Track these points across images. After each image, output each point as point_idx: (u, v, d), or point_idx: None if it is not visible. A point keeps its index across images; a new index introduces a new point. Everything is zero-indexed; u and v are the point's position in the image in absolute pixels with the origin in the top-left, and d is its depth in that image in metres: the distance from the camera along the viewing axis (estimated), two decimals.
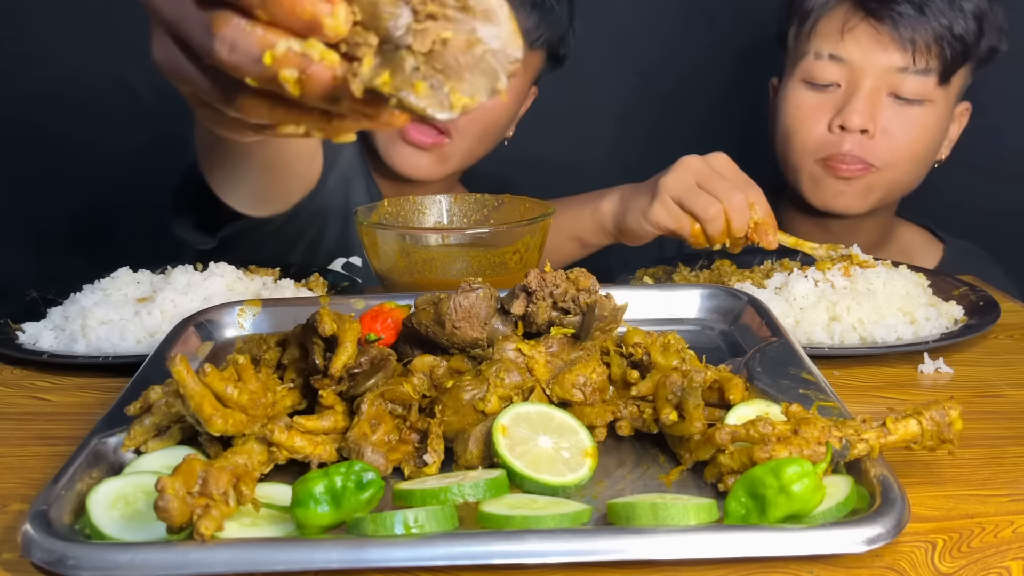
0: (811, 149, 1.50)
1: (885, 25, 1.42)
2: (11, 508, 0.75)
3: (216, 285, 1.16)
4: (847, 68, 1.45)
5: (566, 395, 0.81)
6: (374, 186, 1.64)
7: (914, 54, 1.42)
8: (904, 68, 1.43)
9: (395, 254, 1.14)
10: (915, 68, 1.43)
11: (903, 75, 1.44)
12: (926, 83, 1.45)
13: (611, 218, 1.32)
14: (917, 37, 1.41)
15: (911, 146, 1.48)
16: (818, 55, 1.47)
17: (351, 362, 0.80)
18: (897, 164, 1.49)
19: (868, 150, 1.47)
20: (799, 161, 1.52)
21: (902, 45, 1.42)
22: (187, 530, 0.64)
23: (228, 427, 0.73)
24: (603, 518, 0.69)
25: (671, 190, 1.21)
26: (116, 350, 1.07)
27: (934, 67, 1.44)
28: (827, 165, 1.49)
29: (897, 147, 1.47)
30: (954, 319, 1.14)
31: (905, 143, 1.47)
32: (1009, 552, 0.67)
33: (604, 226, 1.33)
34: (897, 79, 1.44)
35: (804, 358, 0.90)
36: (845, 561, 0.65)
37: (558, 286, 0.86)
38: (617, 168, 1.64)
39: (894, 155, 1.48)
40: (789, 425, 0.72)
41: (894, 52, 1.43)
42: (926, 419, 0.72)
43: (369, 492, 0.66)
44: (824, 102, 1.48)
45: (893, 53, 1.43)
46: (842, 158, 1.47)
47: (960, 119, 1.57)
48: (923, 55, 1.42)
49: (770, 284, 1.17)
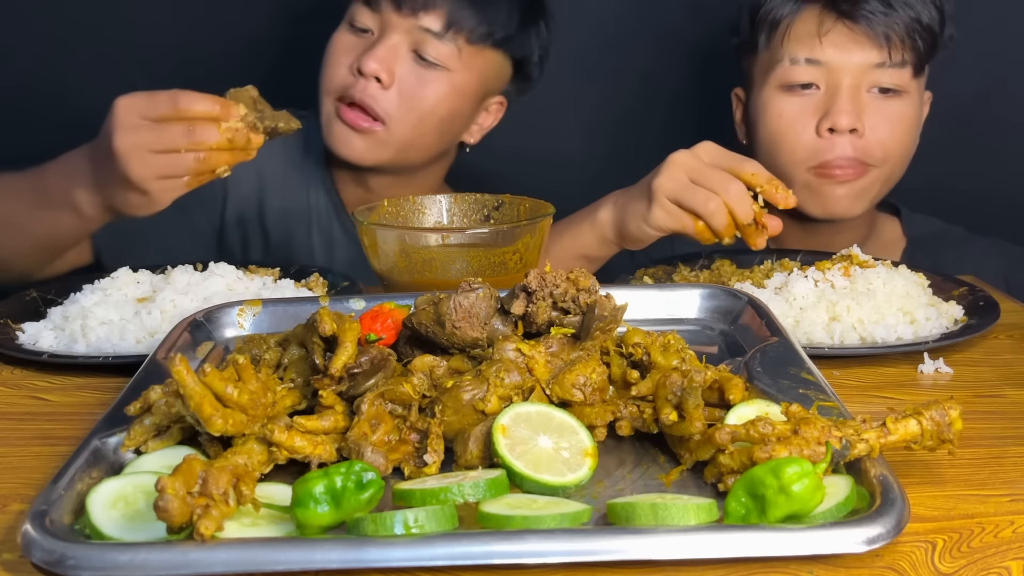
0: (801, 157, 1.49)
1: (859, 24, 1.44)
2: (11, 508, 0.75)
3: (216, 285, 1.16)
4: (825, 69, 1.46)
5: (566, 395, 0.81)
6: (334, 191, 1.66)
7: (890, 49, 1.44)
8: (881, 63, 1.45)
9: (395, 254, 1.14)
10: (891, 62, 1.45)
11: (880, 70, 1.45)
12: (902, 75, 1.47)
13: (611, 227, 1.31)
14: (891, 32, 1.43)
15: (899, 139, 1.49)
16: (793, 60, 1.47)
17: (351, 362, 0.80)
18: (889, 159, 1.50)
19: (860, 149, 1.47)
20: (789, 171, 1.50)
21: (877, 42, 1.44)
22: (187, 530, 0.64)
23: (228, 427, 0.73)
24: (603, 518, 0.69)
25: (666, 191, 1.19)
26: (116, 350, 1.07)
27: (909, 59, 1.46)
28: (821, 173, 1.48)
29: (886, 142, 1.48)
30: (954, 319, 1.14)
31: (892, 136, 1.48)
32: (1009, 552, 0.67)
33: (605, 237, 1.32)
34: (875, 75, 1.46)
35: (804, 358, 0.90)
36: (845, 561, 0.65)
37: (558, 286, 0.86)
38: (617, 167, 1.63)
39: (885, 151, 1.48)
40: (789, 425, 0.72)
41: (870, 49, 1.44)
42: (926, 419, 0.72)
43: (369, 492, 0.66)
44: (806, 106, 1.48)
45: (870, 50, 1.44)
46: (836, 162, 1.47)
47: (927, 104, 1.59)
48: (898, 49, 1.45)
49: (770, 284, 1.17)
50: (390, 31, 1.46)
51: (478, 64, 1.51)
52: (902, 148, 1.51)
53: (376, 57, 1.45)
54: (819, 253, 1.36)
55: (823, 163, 1.47)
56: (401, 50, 1.47)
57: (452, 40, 1.47)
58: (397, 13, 1.46)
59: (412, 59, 1.48)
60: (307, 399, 0.82)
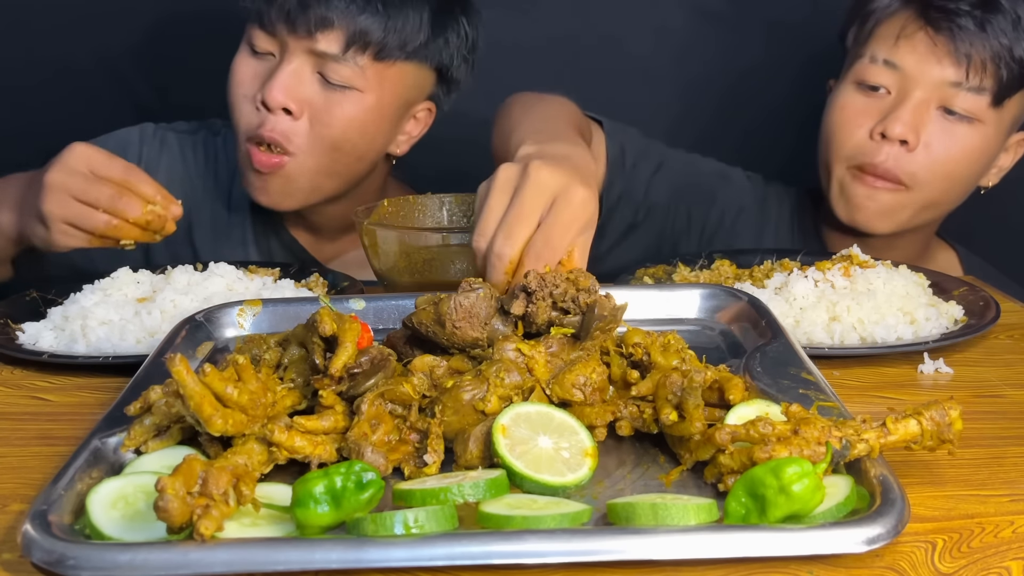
0: (846, 153, 1.46)
1: (942, 36, 1.38)
2: (11, 508, 0.75)
3: (216, 285, 1.16)
4: (900, 75, 1.41)
5: (566, 395, 0.81)
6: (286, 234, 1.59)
7: (968, 70, 1.38)
8: (957, 83, 1.39)
9: (395, 254, 1.14)
10: (968, 84, 1.39)
11: (955, 90, 1.39)
12: (979, 102, 1.40)
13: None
14: (974, 53, 1.37)
15: (950, 164, 1.43)
16: (873, 59, 1.43)
17: (351, 362, 0.80)
18: (930, 183, 1.44)
19: (903, 164, 1.42)
20: (833, 164, 1.47)
21: (956, 59, 1.38)
22: (187, 530, 0.64)
23: (228, 427, 0.73)
24: (603, 518, 0.69)
25: None
26: (116, 350, 1.07)
27: (988, 86, 1.39)
28: (857, 174, 1.45)
29: (935, 163, 1.42)
30: (954, 319, 1.14)
31: (944, 161, 1.42)
32: (1009, 552, 0.67)
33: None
34: (949, 93, 1.40)
35: (804, 358, 0.90)
36: (845, 561, 0.65)
37: (558, 286, 0.86)
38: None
39: (930, 172, 1.42)
40: (789, 425, 0.72)
41: (948, 65, 1.38)
42: (926, 419, 0.72)
43: (369, 492, 0.66)
44: (871, 107, 1.44)
45: (947, 66, 1.39)
46: (874, 168, 1.43)
47: (1016, 148, 1.52)
48: (978, 72, 1.38)
49: (770, 284, 1.17)
50: (290, 55, 1.35)
51: (390, 79, 1.40)
52: (949, 174, 1.44)
53: (279, 86, 1.34)
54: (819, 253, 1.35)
55: (862, 164, 1.44)
56: (304, 74, 1.36)
57: (354, 60, 1.35)
58: (293, 36, 1.35)
59: (318, 82, 1.37)
60: (307, 399, 0.82)
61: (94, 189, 1.16)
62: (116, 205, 1.15)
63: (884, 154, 1.42)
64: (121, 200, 1.15)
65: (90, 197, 1.15)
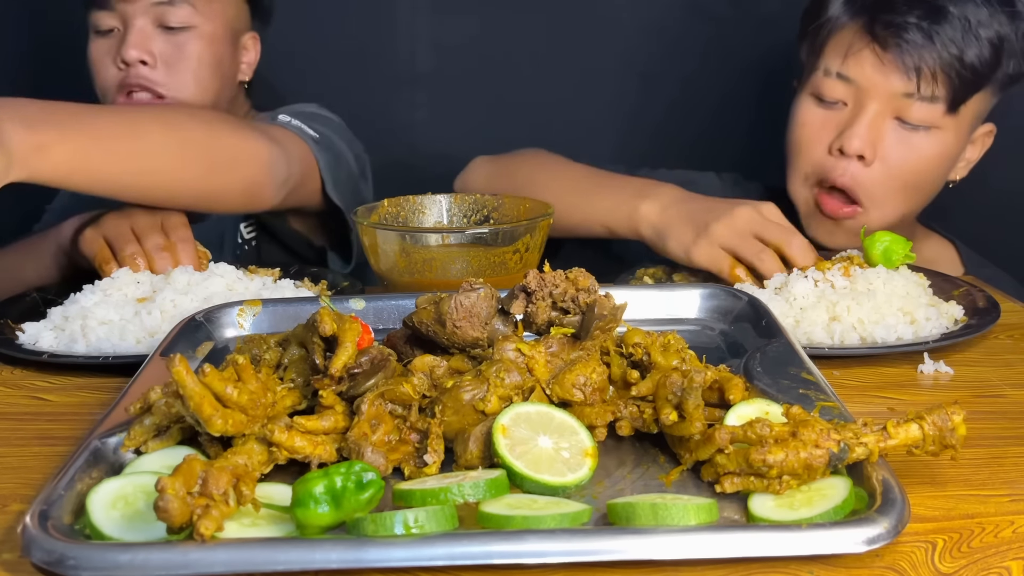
0: (808, 170, 1.46)
1: (889, 52, 1.37)
2: (11, 508, 0.75)
3: (216, 285, 1.16)
4: (854, 88, 1.41)
5: (566, 395, 0.81)
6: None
7: (919, 82, 1.37)
8: (909, 94, 1.38)
9: (395, 254, 1.14)
10: (920, 96, 1.38)
11: (909, 100, 1.38)
12: (933, 110, 1.39)
13: (648, 230, 1.32)
14: (923, 65, 1.36)
15: (908, 175, 1.43)
16: (827, 72, 1.43)
17: (351, 362, 0.80)
18: (887, 198, 1.44)
19: (860, 179, 1.42)
20: (800, 180, 1.48)
21: (906, 73, 1.37)
22: (187, 530, 0.64)
23: (228, 427, 0.73)
24: (603, 518, 0.69)
25: (721, 237, 1.24)
26: (116, 350, 1.07)
27: (941, 95, 1.38)
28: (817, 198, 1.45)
29: (891, 177, 1.42)
30: (954, 319, 1.14)
31: (901, 173, 1.42)
32: (1009, 552, 0.67)
33: (637, 231, 1.34)
34: (903, 104, 1.39)
35: (804, 358, 0.90)
36: (845, 561, 0.65)
37: (557, 286, 0.86)
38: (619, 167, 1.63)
39: (885, 187, 1.42)
40: (788, 427, 0.71)
41: (897, 80, 1.38)
42: (928, 424, 0.71)
43: (369, 492, 0.66)
44: (829, 120, 1.44)
45: (896, 80, 1.38)
46: (829, 192, 1.44)
47: (983, 140, 1.51)
48: (929, 83, 1.37)
49: (770, 284, 1.17)
50: (131, 19, 1.54)
51: (217, 11, 1.61)
52: (907, 184, 1.43)
53: (131, 44, 1.53)
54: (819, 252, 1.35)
55: (820, 180, 1.44)
56: (148, 30, 1.55)
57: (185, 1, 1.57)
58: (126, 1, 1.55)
59: (161, 33, 1.56)
60: (307, 399, 0.82)
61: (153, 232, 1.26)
62: (154, 254, 1.25)
63: (842, 169, 1.42)
64: (160, 255, 1.25)
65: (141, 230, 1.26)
